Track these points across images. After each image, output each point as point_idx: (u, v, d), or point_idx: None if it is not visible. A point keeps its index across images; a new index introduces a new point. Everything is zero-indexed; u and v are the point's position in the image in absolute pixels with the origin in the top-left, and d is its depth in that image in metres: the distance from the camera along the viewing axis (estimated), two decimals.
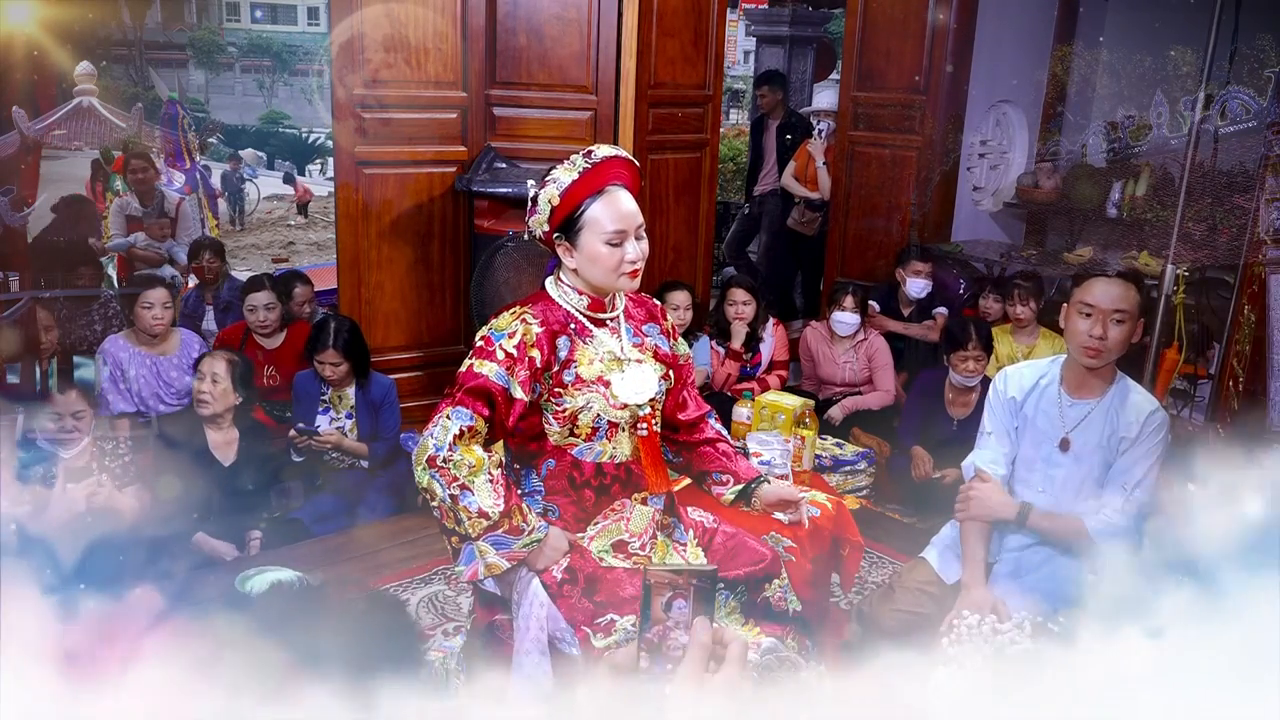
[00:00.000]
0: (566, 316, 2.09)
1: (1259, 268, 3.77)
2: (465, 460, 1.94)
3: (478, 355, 2.00)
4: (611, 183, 2.05)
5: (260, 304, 4.05)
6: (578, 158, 2.04)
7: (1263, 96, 4.05)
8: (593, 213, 2.02)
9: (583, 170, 2.02)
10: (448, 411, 1.96)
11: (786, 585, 2.19)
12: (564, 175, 2.03)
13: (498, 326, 2.03)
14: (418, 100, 4.11)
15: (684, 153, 4.54)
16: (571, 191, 2.01)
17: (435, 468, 1.95)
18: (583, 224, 2.03)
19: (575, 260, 2.06)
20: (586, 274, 2.07)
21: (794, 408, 3.84)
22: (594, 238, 2.02)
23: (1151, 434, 2.37)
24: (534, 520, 2.02)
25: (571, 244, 2.05)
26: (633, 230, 2.06)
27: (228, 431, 3.27)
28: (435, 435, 1.95)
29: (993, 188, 5.44)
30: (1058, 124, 5.34)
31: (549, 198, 2.03)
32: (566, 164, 2.04)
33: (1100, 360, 2.37)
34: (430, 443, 1.95)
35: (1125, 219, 4.87)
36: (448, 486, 1.94)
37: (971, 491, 2.47)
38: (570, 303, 2.10)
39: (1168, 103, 4.56)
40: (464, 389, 1.97)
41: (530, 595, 2.06)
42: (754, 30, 8.77)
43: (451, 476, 1.94)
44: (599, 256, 2.03)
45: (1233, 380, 3.82)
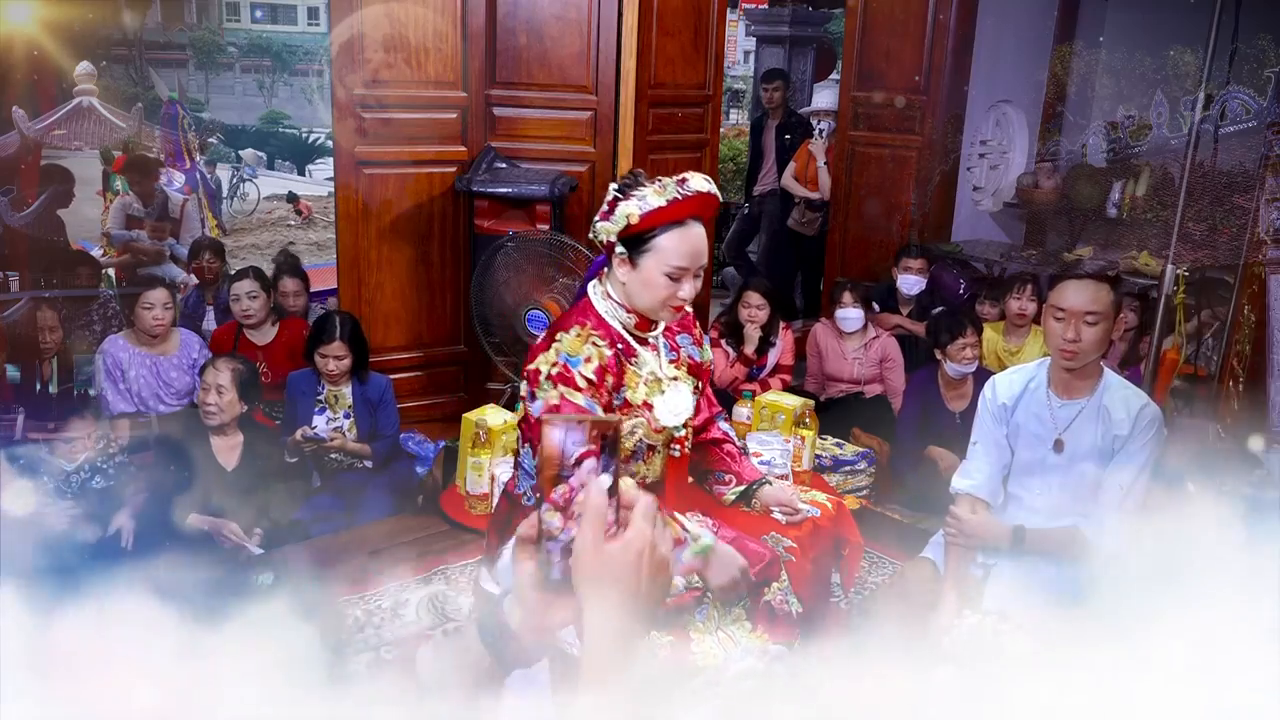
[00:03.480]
0: (615, 335, 2.05)
1: (1259, 268, 3.77)
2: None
3: (562, 383, 1.94)
4: (694, 215, 1.99)
5: (243, 293, 4.04)
6: (670, 183, 1.97)
7: (1263, 96, 4.05)
8: (665, 241, 1.97)
9: (672, 199, 1.95)
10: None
11: (787, 587, 2.18)
12: (652, 196, 1.96)
13: (570, 350, 1.97)
14: (418, 100, 4.11)
15: (684, 153, 4.54)
16: (654, 215, 1.95)
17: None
18: (651, 247, 1.98)
19: (627, 277, 2.01)
20: (634, 294, 2.02)
21: (794, 408, 3.84)
22: (657, 264, 1.98)
23: (1144, 430, 2.37)
24: (694, 528, 1.99)
25: (632, 262, 2.00)
26: (695, 268, 2.01)
27: (231, 437, 3.27)
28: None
29: (993, 188, 5.44)
30: (1058, 124, 5.34)
31: (628, 213, 1.96)
32: (657, 185, 1.96)
33: (1076, 362, 2.39)
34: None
35: (1125, 219, 4.87)
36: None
37: (964, 524, 2.49)
38: (619, 320, 2.06)
39: (1168, 103, 4.56)
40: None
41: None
42: (754, 30, 8.77)
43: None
44: (655, 284, 1.99)
45: (1233, 380, 3.82)
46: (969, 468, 2.59)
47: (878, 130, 5.51)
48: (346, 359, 3.61)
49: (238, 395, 3.20)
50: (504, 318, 3.91)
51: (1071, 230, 5.27)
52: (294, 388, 3.70)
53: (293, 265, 4.71)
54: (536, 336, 3.76)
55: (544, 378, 1.96)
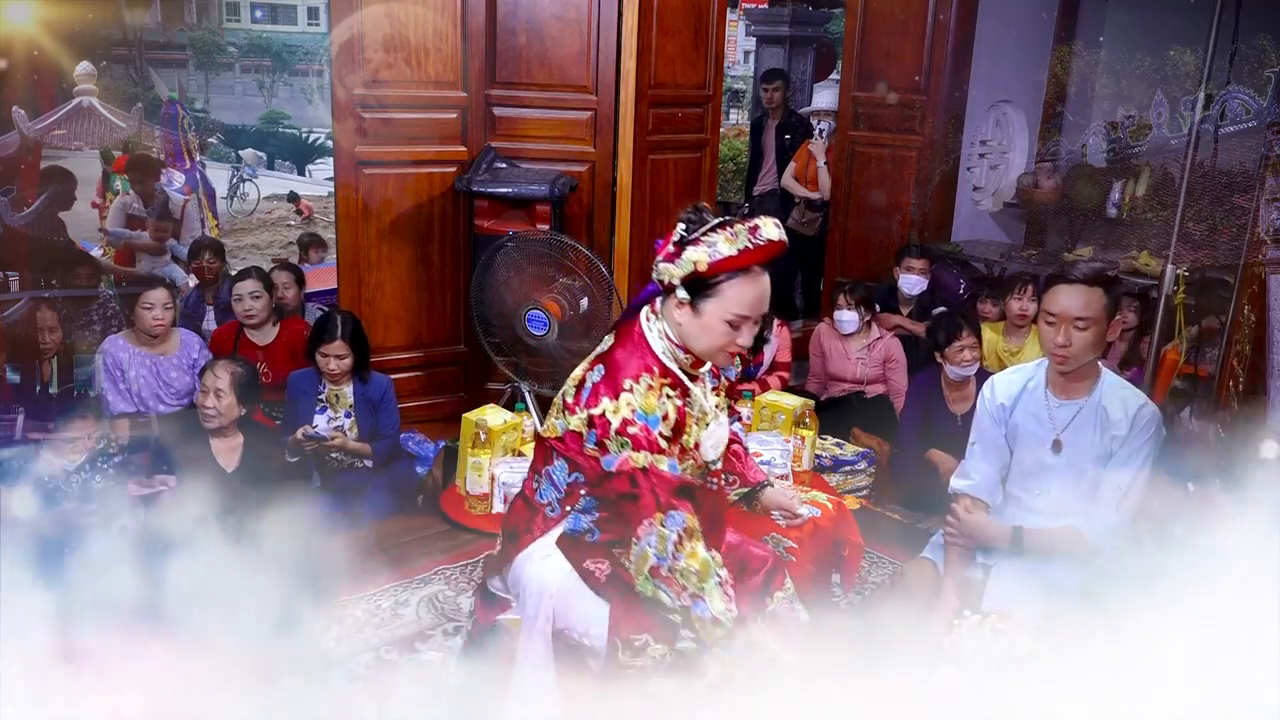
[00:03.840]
0: (674, 378, 2.03)
1: (1259, 268, 3.76)
2: (691, 568, 1.90)
3: (648, 448, 1.90)
4: (760, 262, 1.95)
5: (245, 292, 4.05)
6: (742, 231, 1.91)
7: (1263, 96, 4.05)
8: (730, 289, 1.93)
9: (742, 248, 1.91)
10: (660, 519, 1.88)
11: (792, 594, 2.16)
12: (723, 244, 1.90)
13: (645, 408, 1.93)
14: (418, 100, 4.11)
15: (684, 153, 4.54)
16: (722, 263, 1.91)
17: (660, 578, 1.91)
18: (715, 294, 1.93)
19: (685, 319, 1.97)
20: (690, 337, 1.99)
21: (794, 408, 3.84)
22: (719, 311, 1.94)
23: (1142, 429, 2.37)
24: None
25: (694, 306, 1.96)
26: (756, 316, 1.98)
27: (231, 438, 3.26)
28: (654, 545, 1.89)
29: (993, 188, 5.44)
30: (1058, 124, 5.34)
31: (695, 259, 1.91)
32: (728, 232, 1.90)
33: (1068, 366, 2.39)
34: (650, 553, 1.89)
35: (1125, 219, 4.87)
36: (677, 597, 1.91)
37: (963, 523, 2.49)
38: (675, 360, 2.02)
39: (1168, 103, 4.56)
40: (669, 491, 1.90)
41: (540, 585, 2.07)
42: (754, 30, 8.77)
43: (680, 586, 1.90)
44: (713, 331, 1.96)
45: (1233, 380, 3.82)
46: (968, 468, 2.59)
47: (878, 130, 5.51)
48: (348, 358, 3.61)
49: (236, 398, 3.20)
50: (504, 318, 3.91)
51: (1071, 230, 5.27)
52: (295, 387, 3.70)
53: (283, 262, 4.72)
54: (537, 336, 3.79)
55: (614, 430, 1.91)
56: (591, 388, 1.97)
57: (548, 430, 2.10)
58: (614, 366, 1.98)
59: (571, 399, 2.01)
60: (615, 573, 2.06)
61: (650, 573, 1.90)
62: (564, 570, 2.09)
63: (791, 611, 2.13)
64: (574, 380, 2.06)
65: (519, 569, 2.14)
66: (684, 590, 1.90)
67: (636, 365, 1.98)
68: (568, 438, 2.02)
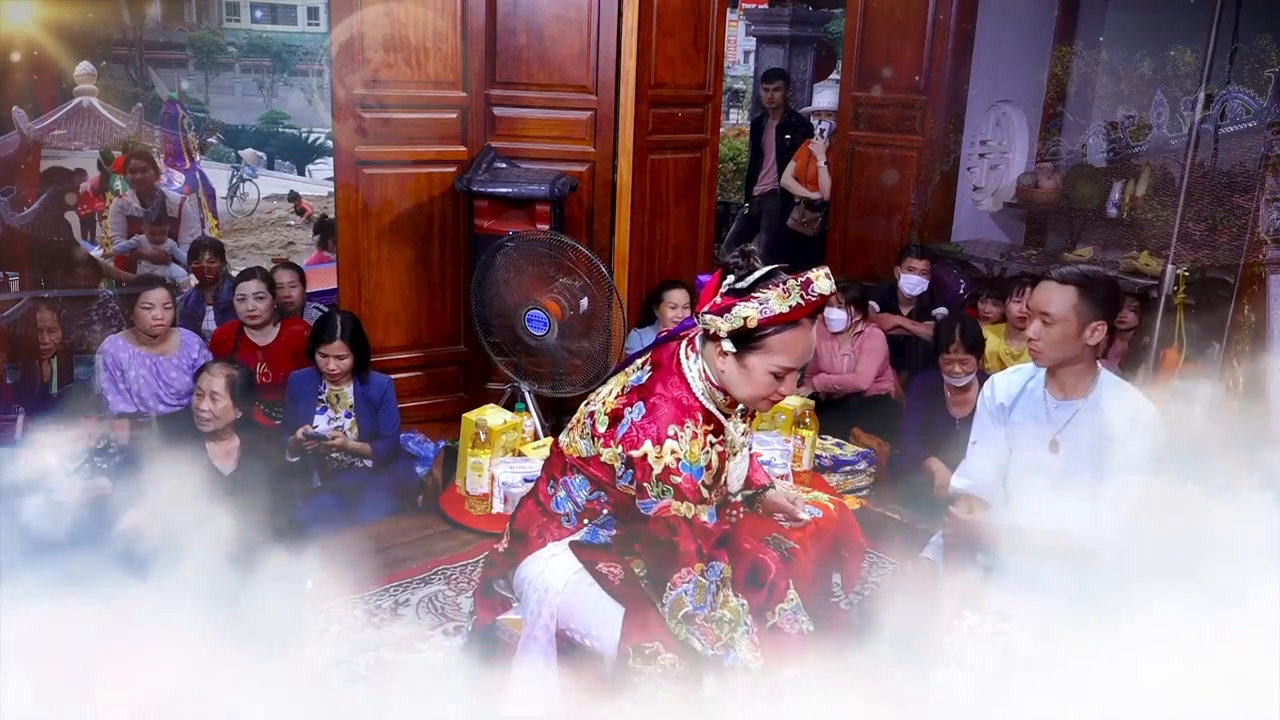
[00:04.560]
0: (714, 420, 2.03)
1: (1259, 268, 3.77)
2: (725, 617, 1.94)
3: (690, 497, 1.91)
4: (809, 315, 1.94)
5: (250, 293, 4.05)
6: (794, 286, 1.89)
7: (1263, 96, 4.05)
8: (777, 342, 1.92)
9: (795, 305, 1.89)
10: (700, 569, 1.92)
11: (796, 606, 2.14)
12: (775, 301, 1.88)
13: (690, 459, 1.93)
14: (418, 100, 4.11)
15: (684, 153, 4.54)
16: (772, 319, 1.90)
17: (696, 625, 1.93)
18: (762, 347, 1.92)
19: (727, 367, 1.97)
20: (731, 384, 1.98)
21: (794, 408, 3.84)
22: (764, 363, 1.93)
23: (1140, 431, 2.37)
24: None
25: (738, 357, 1.95)
26: (800, 366, 1.99)
27: (227, 441, 3.25)
28: (691, 595, 1.92)
29: (993, 188, 5.44)
30: (1058, 124, 5.34)
31: (745, 314, 1.89)
32: (781, 289, 1.88)
33: (1040, 360, 2.43)
34: (687, 600, 1.92)
35: (1125, 219, 4.87)
36: (711, 645, 1.93)
37: (961, 524, 2.49)
38: (714, 402, 2.02)
39: (1168, 103, 4.56)
40: (711, 541, 1.94)
41: (545, 584, 2.07)
42: (754, 30, 8.78)
43: (714, 636, 1.93)
44: (757, 381, 1.96)
45: (1233, 380, 3.82)
46: (968, 468, 2.59)
47: (878, 130, 5.51)
48: (347, 359, 3.61)
49: (232, 401, 3.18)
50: (504, 318, 3.91)
51: (1071, 230, 5.27)
52: (296, 387, 3.70)
53: (286, 261, 4.73)
54: (537, 336, 3.79)
55: (655, 476, 1.91)
56: (630, 426, 1.96)
57: (569, 447, 2.09)
58: (655, 407, 1.97)
59: (604, 428, 2.00)
60: (629, 577, 2.06)
61: (684, 619, 1.94)
62: (571, 570, 2.08)
63: (795, 623, 2.11)
64: (604, 406, 2.03)
65: (525, 567, 2.15)
66: (718, 640, 1.93)
67: (679, 410, 1.97)
68: (594, 463, 2.02)
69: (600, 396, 2.07)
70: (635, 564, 2.09)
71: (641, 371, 2.05)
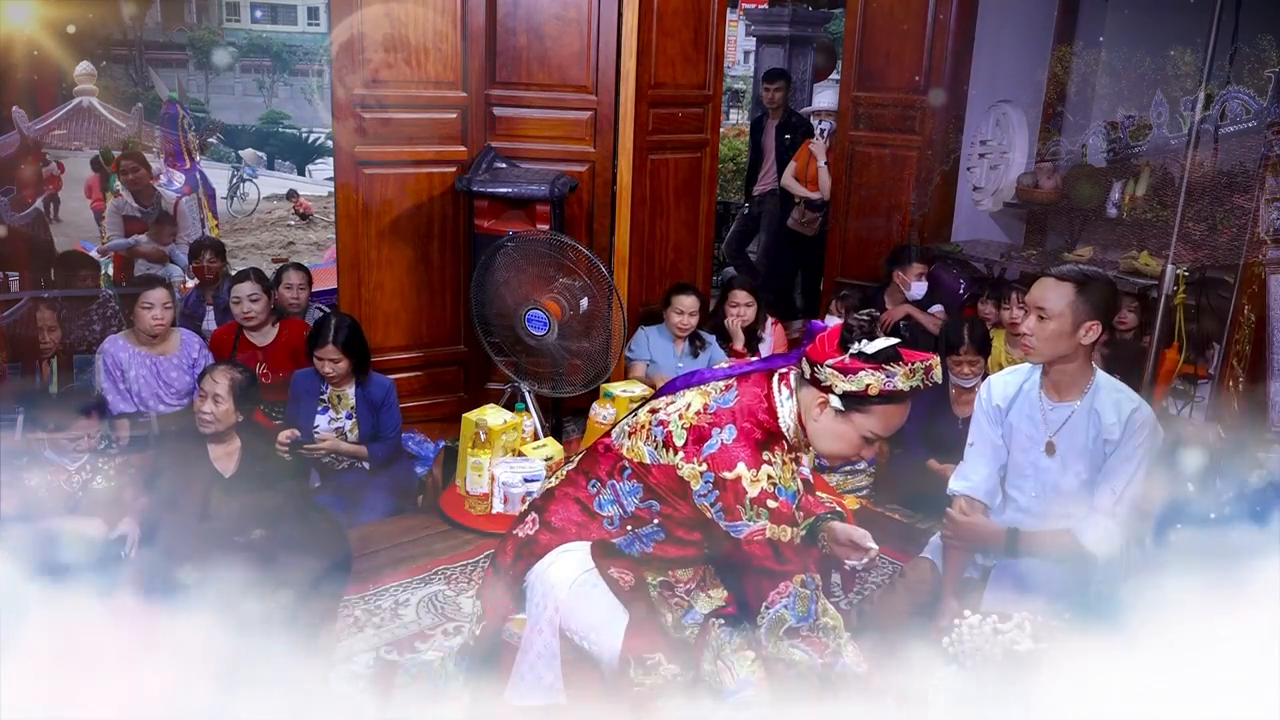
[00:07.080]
0: (796, 454, 2.09)
1: (1259, 268, 3.77)
2: (829, 624, 1.98)
3: (786, 521, 1.95)
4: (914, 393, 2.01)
5: (244, 295, 4.03)
6: (919, 370, 1.96)
7: (1263, 96, 4.04)
8: (883, 411, 1.98)
9: (914, 386, 1.96)
10: (800, 580, 1.95)
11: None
12: (900, 380, 1.94)
13: (785, 485, 1.96)
14: (418, 100, 4.11)
15: (684, 153, 4.55)
16: (892, 393, 1.96)
17: (800, 638, 1.95)
18: (868, 412, 1.98)
19: (824, 419, 2.01)
20: (821, 433, 2.02)
21: None
22: (861, 425, 1.99)
23: (1135, 433, 2.37)
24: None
25: (843, 415, 1.99)
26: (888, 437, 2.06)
27: (229, 443, 3.25)
28: (793, 608, 1.94)
29: (993, 188, 5.44)
30: (1058, 124, 5.34)
31: (869, 382, 1.94)
32: (906, 369, 1.94)
33: (1032, 357, 2.44)
34: (789, 615, 1.94)
35: (1125, 219, 4.87)
36: (820, 654, 1.95)
37: (959, 526, 2.50)
38: (796, 437, 2.06)
39: (1168, 103, 4.55)
40: (807, 558, 1.99)
41: (551, 579, 2.07)
42: (754, 30, 8.77)
43: (822, 644, 1.96)
44: (849, 440, 2.01)
45: (1233, 380, 3.82)
46: (966, 469, 2.59)
47: (878, 130, 5.50)
48: (342, 362, 3.60)
49: (234, 404, 3.18)
50: (504, 318, 3.91)
51: (1071, 230, 5.27)
52: (297, 386, 3.69)
53: (292, 263, 4.72)
54: (537, 336, 3.79)
55: (751, 500, 1.93)
56: (721, 447, 1.96)
57: (630, 450, 2.06)
58: (749, 433, 1.98)
59: (681, 442, 1.99)
60: (639, 585, 2.07)
61: (786, 634, 1.95)
62: (579, 569, 2.08)
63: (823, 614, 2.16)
64: (682, 420, 2.02)
65: (542, 573, 2.14)
66: (826, 648, 1.95)
67: (770, 437, 2.01)
68: (657, 471, 2.01)
69: (675, 408, 2.05)
70: (649, 574, 2.09)
71: (728, 394, 2.05)
